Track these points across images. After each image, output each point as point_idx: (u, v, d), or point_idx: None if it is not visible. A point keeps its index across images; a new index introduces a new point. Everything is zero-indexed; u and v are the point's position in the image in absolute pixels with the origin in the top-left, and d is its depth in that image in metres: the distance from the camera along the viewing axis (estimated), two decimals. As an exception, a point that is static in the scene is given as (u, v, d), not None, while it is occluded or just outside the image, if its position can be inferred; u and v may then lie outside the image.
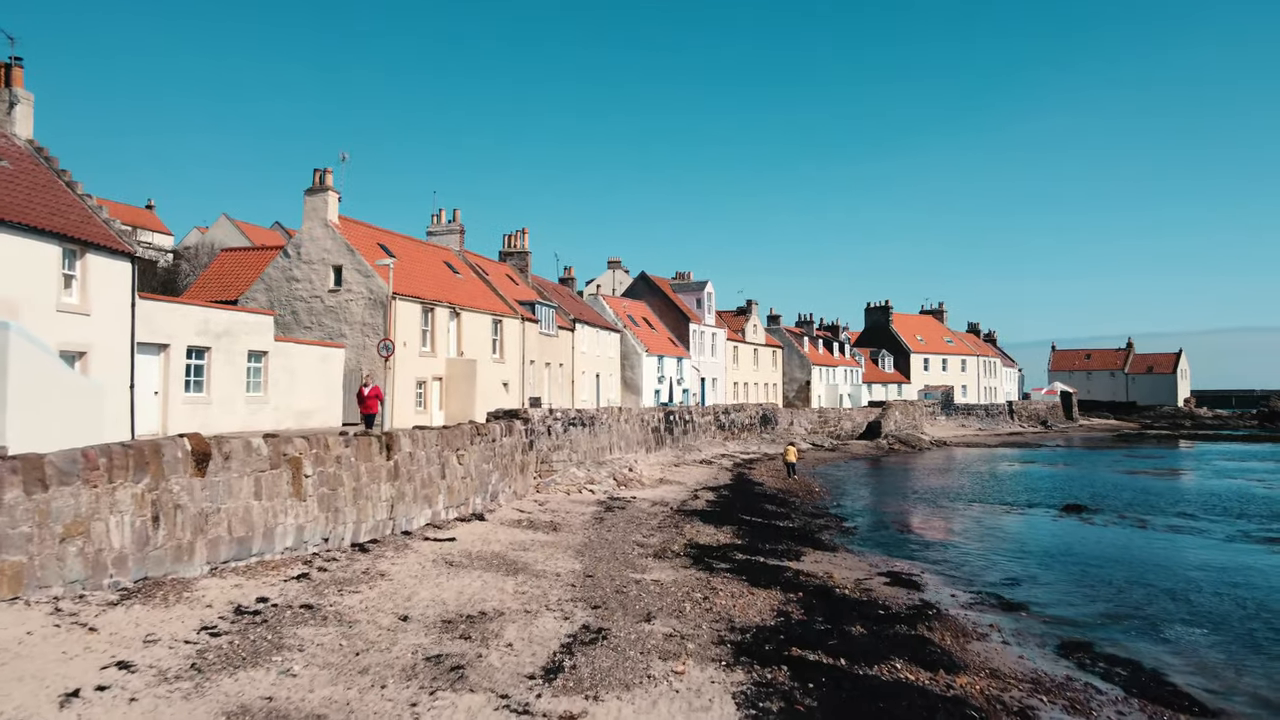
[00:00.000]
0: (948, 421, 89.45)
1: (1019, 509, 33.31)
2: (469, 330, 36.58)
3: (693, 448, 48.41)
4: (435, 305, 34.12)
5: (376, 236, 35.20)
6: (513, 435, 26.75)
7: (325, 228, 32.40)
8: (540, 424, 30.05)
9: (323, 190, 32.42)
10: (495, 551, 17.92)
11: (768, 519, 27.52)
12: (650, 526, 23.52)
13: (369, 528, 17.40)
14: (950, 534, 27.17)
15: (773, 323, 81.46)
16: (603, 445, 35.20)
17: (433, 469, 20.28)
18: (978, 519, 30.69)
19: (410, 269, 35.28)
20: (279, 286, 32.79)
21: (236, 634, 10.65)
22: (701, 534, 22.97)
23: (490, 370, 37.76)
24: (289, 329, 32.31)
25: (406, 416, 31.98)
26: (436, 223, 42.24)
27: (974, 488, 40.70)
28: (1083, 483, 42.82)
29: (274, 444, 14.81)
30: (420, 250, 38.51)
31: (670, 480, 35.77)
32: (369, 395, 21.38)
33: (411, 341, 32.68)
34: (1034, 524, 29.51)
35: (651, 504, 28.54)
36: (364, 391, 21.59)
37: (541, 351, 43.64)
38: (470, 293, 38.54)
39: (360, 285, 31.89)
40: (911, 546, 24.62)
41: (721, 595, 15.63)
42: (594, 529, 22.23)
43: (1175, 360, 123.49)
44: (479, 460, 23.32)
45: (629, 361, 56.62)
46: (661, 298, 65.16)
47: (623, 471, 33.81)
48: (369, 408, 21.26)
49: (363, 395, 21.51)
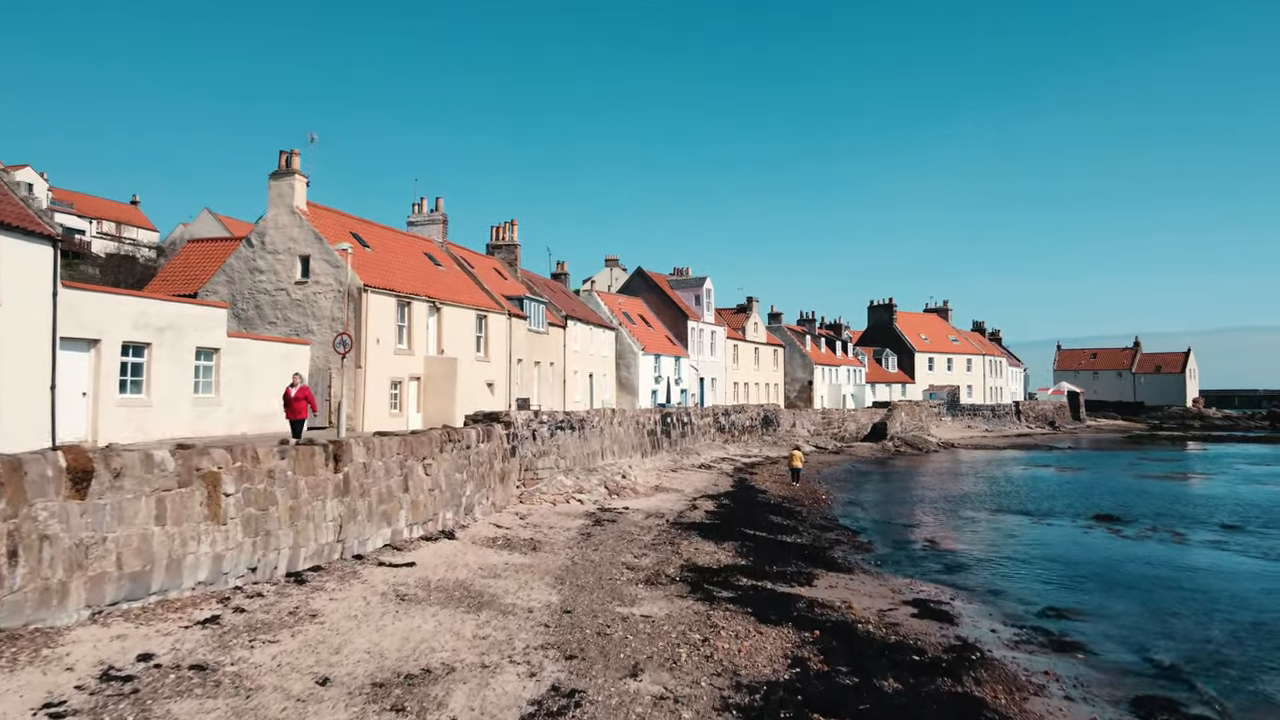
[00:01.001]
0: (953, 423, 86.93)
1: (1043, 519, 30.80)
2: (450, 326, 34.02)
3: (691, 451, 45.87)
4: (412, 299, 31.56)
5: (349, 225, 32.63)
6: (492, 441, 24.22)
7: (292, 214, 29.83)
8: (524, 428, 27.52)
9: (289, 174, 29.85)
10: (460, 580, 15.37)
11: (773, 533, 24.99)
12: (643, 544, 20.99)
13: (310, 553, 14.85)
14: (975, 549, 24.65)
15: (774, 321, 78.93)
16: (594, 450, 32.66)
17: (393, 481, 17.74)
18: (1002, 530, 28.17)
19: (386, 260, 32.72)
20: (241, 278, 30.22)
21: (87, 714, 8.10)
22: (700, 552, 20.44)
23: (473, 370, 35.21)
24: (251, 324, 29.76)
25: (380, 419, 29.42)
26: (417, 212, 39.67)
27: (991, 494, 38.18)
28: (1104, 489, 40.30)
29: (184, 457, 12.26)
30: (398, 241, 35.95)
31: (667, 488, 33.23)
32: (296, 397, 18.17)
33: (385, 338, 30.13)
34: (1064, 537, 26.98)
35: (645, 516, 26.02)
36: (290, 392, 18.32)
37: (530, 350, 41.10)
38: (452, 286, 35.99)
39: (329, 277, 29.33)
40: (934, 564, 22.10)
41: (724, 636, 13.11)
42: (579, 548, 19.70)
43: (1184, 360, 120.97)
44: (451, 470, 20.78)
45: (624, 361, 54.09)
46: (659, 294, 62.61)
47: (615, 479, 31.27)
48: (296, 411, 18.14)
49: (289, 397, 18.32)
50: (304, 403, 17.75)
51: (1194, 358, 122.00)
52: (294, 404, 17.97)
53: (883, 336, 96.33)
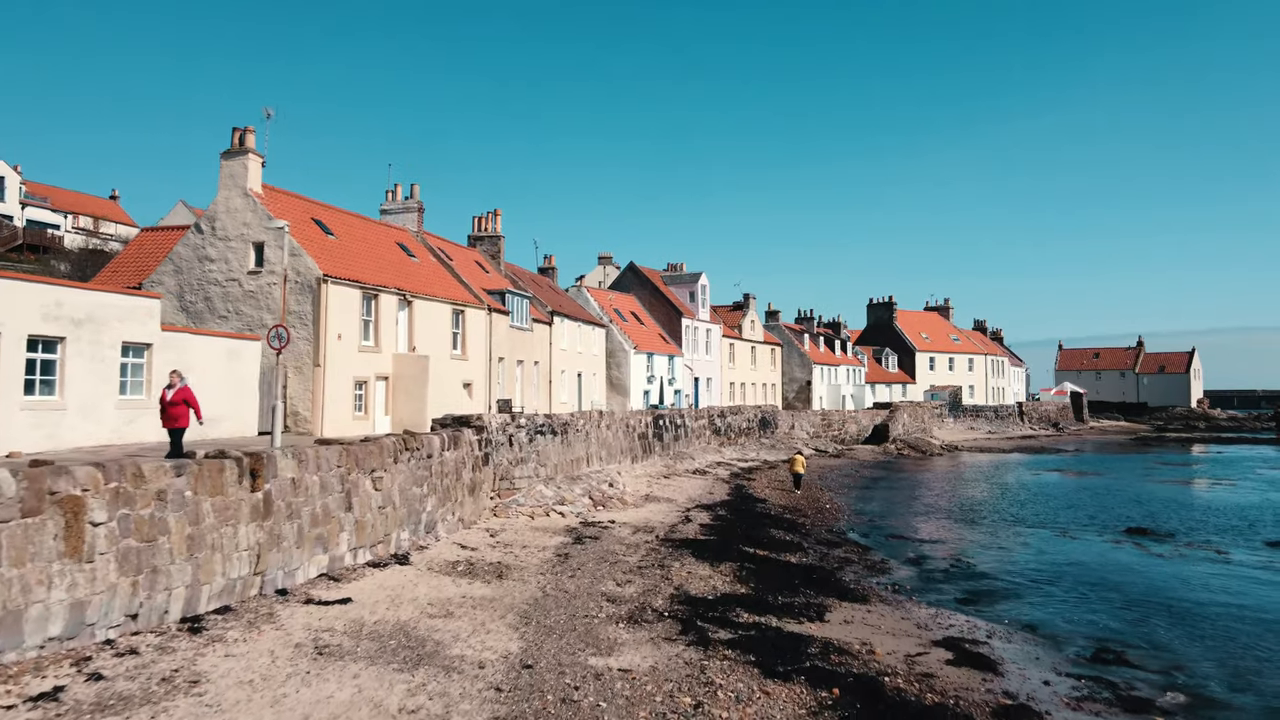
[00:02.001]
0: (956, 424, 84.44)
1: (1067, 532, 28.21)
2: (424, 321, 31.33)
3: (685, 455, 43.23)
4: (380, 291, 28.87)
5: (310, 210, 29.91)
6: (459, 448, 21.55)
7: (245, 198, 27.11)
8: (499, 433, 24.85)
9: (242, 153, 27.13)
10: (402, 622, 12.70)
11: (776, 550, 22.36)
12: (628, 567, 18.35)
13: (217, 591, 12.17)
14: (1000, 568, 22.05)
15: (771, 319, 76.33)
16: (578, 456, 30.00)
17: (331, 499, 15.06)
18: (1026, 546, 25.58)
19: (352, 249, 30.02)
20: (190, 268, 27.50)
21: None
22: (693, 577, 17.81)
23: (449, 368, 32.52)
24: (201, 318, 27.05)
25: (341, 424, 26.74)
26: (391, 200, 36.94)
27: (1005, 503, 35.61)
28: (1125, 497, 37.77)
29: (31, 478, 9.58)
30: (368, 229, 33.23)
31: (658, 497, 30.59)
32: (172, 401, 14.29)
33: (349, 334, 27.44)
34: (1095, 554, 24.39)
35: (633, 531, 23.38)
36: (166, 395, 15.00)
37: (513, 347, 38.42)
38: (427, 278, 33.30)
39: (286, 266, 26.61)
40: (958, 589, 19.48)
41: (722, 699, 10.50)
42: (553, 573, 17.05)
43: (1188, 360, 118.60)
44: (407, 483, 18.11)
45: (615, 359, 51.44)
46: (652, 290, 59.97)
47: (601, 488, 28.61)
48: (172, 419, 14.58)
49: (164, 401, 14.99)
50: (183, 407, 14.68)
51: (1198, 358, 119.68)
52: (169, 410, 14.67)
53: (882, 335, 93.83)
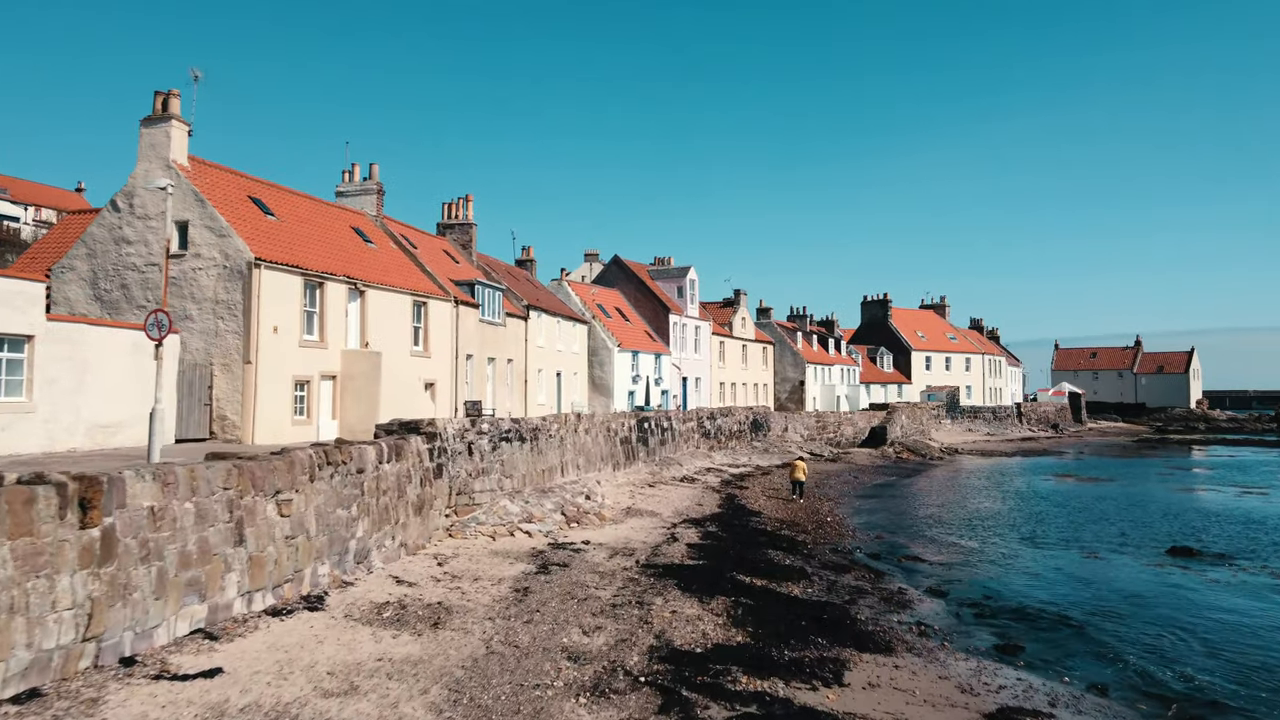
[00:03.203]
0: (953, 425, 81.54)
1: (1099, 552, 25.09)
2: (379, 314, 27.99)
3: (672, 461, 39.98)
4: (326, 279, 25.50)
5: (247, 187, 26.50)
6: (403, 459, 18.23)
7: (168, 170, 23.70)
8: (456, 440, 21.52)
9: (164, 120, 23.72)
10: (281, 706, 9.38)
11: (775, 578, 19.12)
12: (599, 605, 15.10)
13: (17, 670, 8.83)
14: (1040, 601, 18.87)
15: (763, 316, 73.19)
16: (551, 465, 26.69)
17: (214, 532, 11.74)
18: (1059, 570, 22.45)
19: (296, 231, 26.63)
20: (105, 251, 24.07)
21: None
22: (679, 619, 14.57)
23: (408, 367, 29.17)
24: (118, 308, 23.64)
25: (278, 429, 23.37)
26: (348, 181, 33.54)
27: (1023, 516, 32.53)
28: (1153, 509, 34.73)
29: None
30: (317, 211, 29.82)
31: (640, 510, 27.33)
32: None
33: (288, 326, 24.07)
34: (1144, 582, 21.25)
35: (610, 554, 20.11)
36: None
37: (483, 344, 35.10)
38: (384, 266, 29.94)
39: (212, 249, 23.23)
40: (998, 630, 16.30)
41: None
42: (506, 617, 13.78)
43: (1187, 359, 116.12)
44: (330, 504, 14.79)
45: (598, 358, 48.18)
46: (638, 285, 56.74)
47: (576, 501, 25.31)
48: None
49: None
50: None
51: (1197, 358, 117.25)
52: None
53: (877, 334, 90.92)
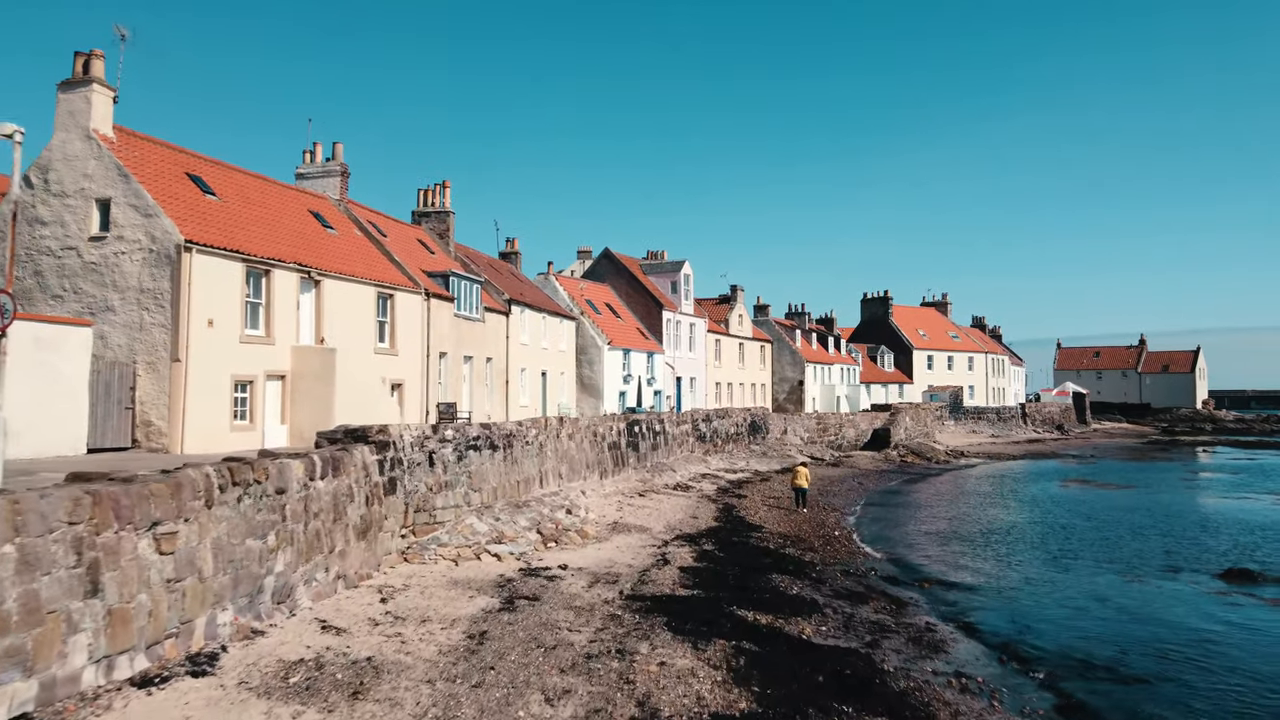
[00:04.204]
0: (956, 427, 78.88)
1: (1143, 574, 22.35)
2: (337, 306, 25.11)
3: (664, 467, 37.14)
4: (273, 266, 22.61)
5: (185, 163, 23.58)
6: (344, 474, 15.36)
7: (88, 141, 20.80)
8: (415, 449, 18.65)
9: (85, 84, 20.80)
10: None
11: (783, 612, 16.30)
12: (572, 656, 12.27)
13: None
14: (1094, 641, 16.09)
15: (760, 313, 70.39)
16: (527, 476, 23.82)
17: (48, 582, 8.86)
18: (1105, 601, 19.66)
19: (239, 213, 23.71)
20: (16, 233, 21.13)
21: None
22: (667, 674, 11.75)
23: (371, 365, 26.29)
24: (30, 297, 20.69)
25: (215, 436, 20.46)
26: (309, 162, 30.60)
27: (1044, 528, 29.78)
28: (1186, 519, 32.02)
29: None
30: (269, 192, 26.89)
31: (628, 525, 24.50)
32: None
33: (227, 319, 21.17)
34: (1210, 616, 18.43)
35: (590, 582, 17.28)
36: None
37: (460, 341, 32.22)
38: (345, 254, 27.05)
39: (137, 230, 20.33)
40: (1057, 683, 13.51)
41: None
42: (451, 678, 10.94)
43: (1193, 359, 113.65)
44: (238, 534, 11.93)
45: (587, 357, 45.34)
46: (629, 280, 53.89)
47: (555, 516, 22.44)
48: None
49: None
50: None
51: (1203, 357, 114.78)
52: None
53: (877, 332, 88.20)
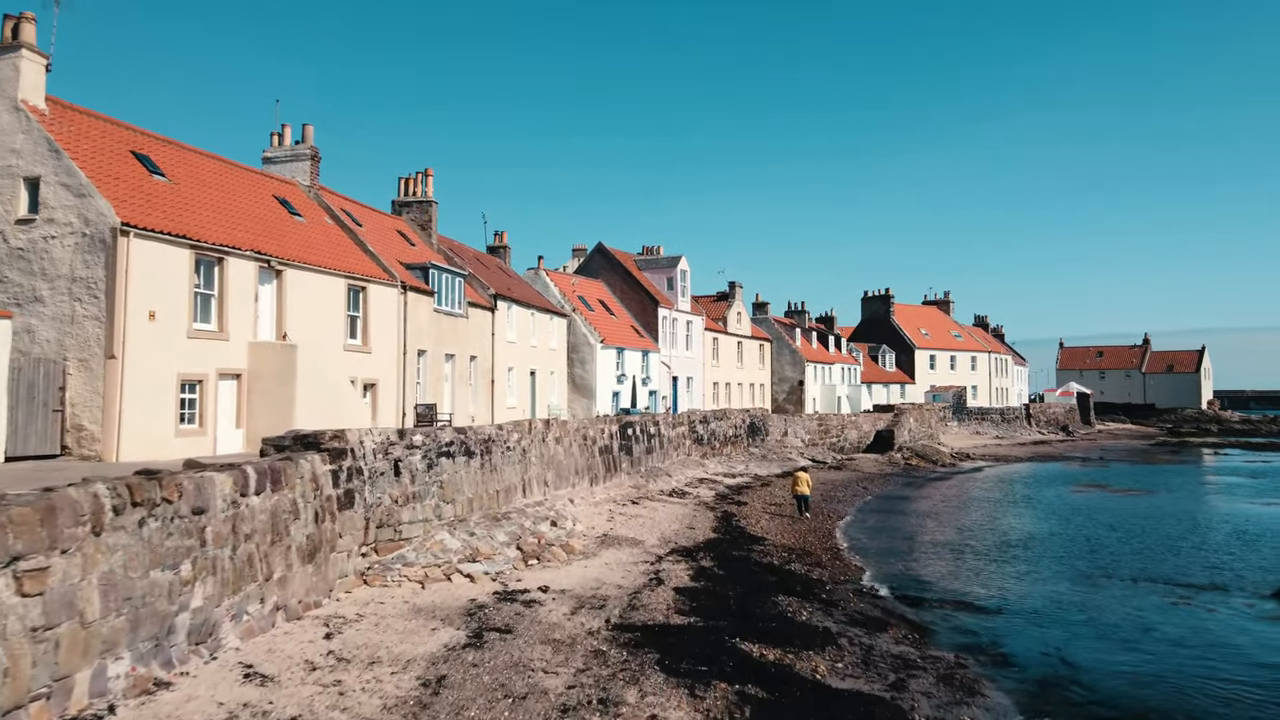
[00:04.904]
0: (960, 428, 76.90)
1: (1186, 595, 20.35)
2: (302, 299, 23.04)
3: (659, 472, 35.10)
4: (228, 253, 20.52)
5: (130, 140, 21.46)
6: (286, 488, 13.29)
7: (15, 113, 18.69)
8: (377, 456, 16.58)
9: (13, 49, 18.71)
10: None
11: (792, 644, 14.25)
12: (545, 709, 10.23)
13: None
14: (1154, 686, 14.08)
15: (759, 311, 68.36)
16: (508, 484, 21.75)
17: None
18: (1150, 630, 17.62)
19: (191, 195, 21.61)
20: (-62, 216, 19.05)
21: None
22: (660, 736, 9.70)
23: (340, 364, 24.21)
24: (-49, 289, 18.60)
25: (158, 441, 18.36)
26: (277, 145, 28.51)
27: (1071, 540, 27.75)
28: (1219, 530, 29.99)
29: None
30: (228, 175, 24.77)
31: (619, 537, 22.45)
32: None
33: (172, 311, 19.09)
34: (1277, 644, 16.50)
35: (573, 608, 15.24)
36: None
37: (440, 338, 30.14)
38: (313, 243, 24.97)
39: (69, 212, 18.25)
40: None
41: None
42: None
43: (1198, 358, 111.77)
44: (139, 564, 9.86)
45: (579, 355, 43.29)
46: (623, 276, 51.83)
47: (538, 530, 20.38)
48: None
49: None
50: None
51: (1208, 357, 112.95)
52: None
53: (878, 331, 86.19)
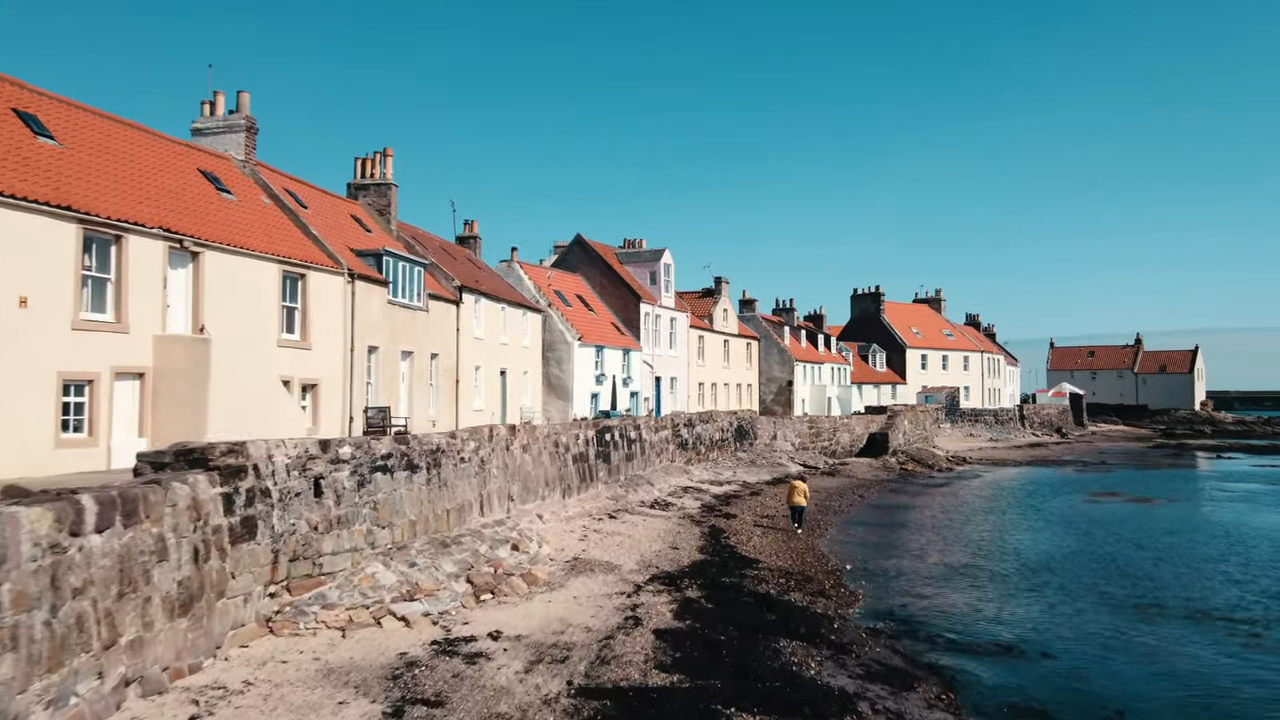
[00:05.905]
0: (953, 430, 74.40)
1: (1258, 631, 17.61)
2: (225, 286, 19.89)
3: (640, 481, 32.11)
4: (127, 230, 17.35)
5: (12, 96, 18.18)
6: (148, 520, 10.20)
7: None
8: (291, 474, 13.49)
9: None
10: None
11: (801, 710, 11.32)
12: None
13: None
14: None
15: (746, 309, 65.53)
16: (461, 502, 18.66)
17: None
18: (1223, 683, 14.86)
19: (85, 161, 18.40)
20: None
21: None
22: None
23: (271, 361, 21.04)
24: None
25: (32, 455, 15.18)
26: (209, 115, 25.28)
27: (1097, 560, 24.96)
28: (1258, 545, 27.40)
29: None
30: (142, 144, 21.52)
31: (592, 561, 19.43)
32: None
33: (51, 296, 15.92)
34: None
35: (528, 665, 12.23)
36: None
37: (395, 333, 27.03)
38: (241, 223, 21.81)
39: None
40: None
41: None
42: None
43: (1191, 359, 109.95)
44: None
45: (555, 354, 40.25)
46: (604, 270, 48.81)
47: (495, 555, 17.31)
48: None
49: None
50: None
51: (1201, 357, 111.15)
52: None
53: (868, 330, 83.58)
